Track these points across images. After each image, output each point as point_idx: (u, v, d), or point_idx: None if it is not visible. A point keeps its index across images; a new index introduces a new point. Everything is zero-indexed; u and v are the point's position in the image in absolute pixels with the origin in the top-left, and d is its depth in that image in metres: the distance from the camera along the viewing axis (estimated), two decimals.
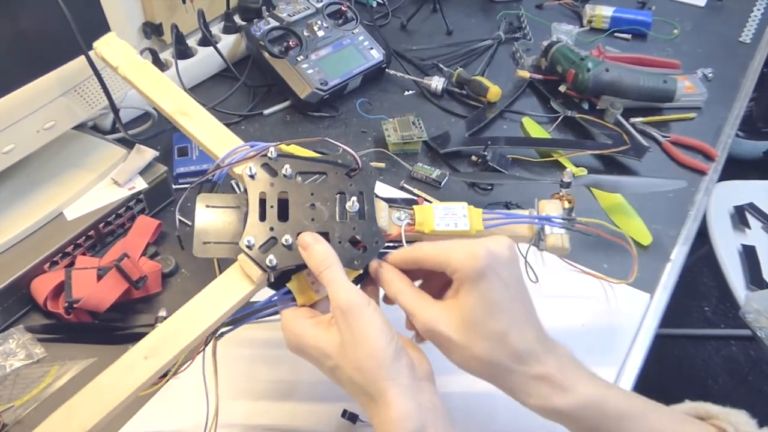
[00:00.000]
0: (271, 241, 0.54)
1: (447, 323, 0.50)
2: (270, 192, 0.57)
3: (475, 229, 0.59)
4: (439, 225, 0.59)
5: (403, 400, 0.47)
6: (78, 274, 0.70)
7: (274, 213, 0.56)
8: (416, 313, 0.52)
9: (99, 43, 0.70)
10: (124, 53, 0.69)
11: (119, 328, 0.72)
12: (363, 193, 0.58)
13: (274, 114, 1.03)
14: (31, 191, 0.76)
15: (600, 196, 0.89)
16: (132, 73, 0.67)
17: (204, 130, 0.63)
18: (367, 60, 1.06)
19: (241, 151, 0.59)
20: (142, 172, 0.81)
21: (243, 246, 0.53)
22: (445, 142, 0.96)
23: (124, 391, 0.48)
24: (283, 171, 0.58)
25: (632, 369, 0.71)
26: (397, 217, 0.59)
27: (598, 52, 1.15)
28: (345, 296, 0.49)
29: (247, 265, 0.54)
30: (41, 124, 0.72)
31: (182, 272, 0.78)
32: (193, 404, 0.63)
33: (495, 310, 0.49)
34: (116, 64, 0.68)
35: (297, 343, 0.52)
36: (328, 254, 0.52)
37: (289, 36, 1.04)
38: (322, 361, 0.51)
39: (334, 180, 0.59)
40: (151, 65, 0.68)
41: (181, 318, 0.52)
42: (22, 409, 0.64)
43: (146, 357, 0.50)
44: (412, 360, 0.50)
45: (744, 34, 1.27)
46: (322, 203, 0.57)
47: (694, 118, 1.06)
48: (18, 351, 0.68)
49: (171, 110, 0.64)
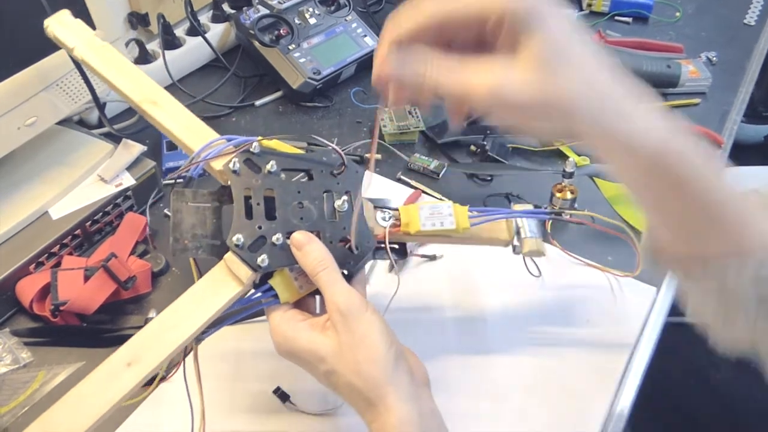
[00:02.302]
0: (261, 240, 0.52)
1: (513, 78, 0.38)
2: (255, 189, 0.54)
3: (462, 227, 0.59)
4: (425, 225, 0.58)
5: (404, 406, 0.46)
6: (64, 275, 0.68)
7: (260, 211, 0.53)
8: (474, 84, 0.39)
9: (50, 20, 0.65)
10: (81, 33, 0.64)
11: (108, 331, 0.70)
12: (350, 192, 0.57)
13: (266, 105, 1.01)
14: (14, 190, 0.74)
15: (603, 186, 0.87)
16: (90, 56, 0.62)
17: (175, 122, 0.59)
18: (361, 48, 1.03)
19: (217, 145, 0.56)
20: (130, 168, 0.79)
21: (232, 245, 0.51)
22: (443, 131, 0.94)
23: (106, 401, 0.46)
24: (268, 167, 0.55)
25: (639, 364, 0.69)
26: (381, 217, 0.58)
27: (599, 37, 1.12)
28: (344, 299, 0.48)
29: (235, 265, 0.51)
30: (22, 121, 0.70)
31: (173, 271, 0.76)
32: (183, 411, 0.61)
33: (567, 42, 0.38)
34: (72, 45, 0.63)
35: (289, 346, 0.50)
36: (324, 255, 0.51)
37: (279, 24, 1.01)
38: (316, 365, 0.49)
39: (320, 178, 0.57)
40: (112, 48, 0.63)
41: (165, 321, 0.50)
42: (9, 416, 0.63)
43: (129, 364, 0.47)
44: (410, 366, 0.49)
45: (748, 16, 1.24)
46: (310, 202, 0.55)
47: (698, 104, 1.03)
48: (4, 356, 0.67)
49: (138, 99, 0.60)
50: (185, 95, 0.96)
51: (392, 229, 0.58)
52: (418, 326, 0.70)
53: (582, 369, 0.67)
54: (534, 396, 0.65)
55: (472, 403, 0.64)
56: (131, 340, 0.49)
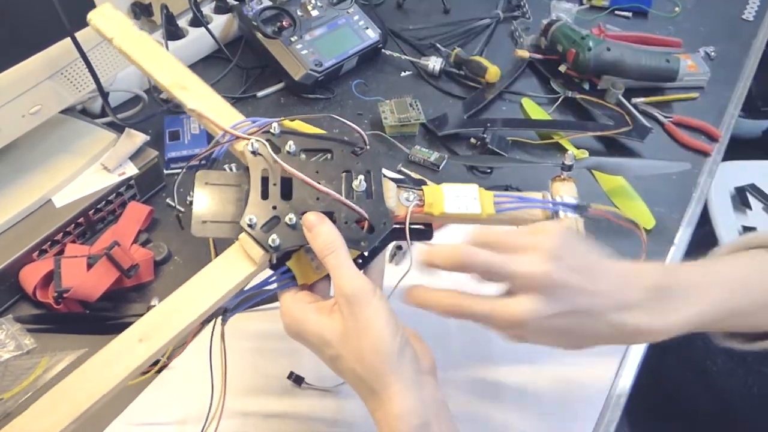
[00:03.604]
0: (274, 220, 0.52)
1: None
2: (273, 169, 0.54)
3: (486, 212, 0.57)
4: (449, 207, 0.56)
5: (407, 396, 0.45)
6: (67, 263, 0.69)
7: (277, 191, 0.53)
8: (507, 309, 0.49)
9: (93, 14, 0.67)
10: (120, 24, 0.66)
11: (111, 318, 0.70)
12: (370, 172, 0.56)
13: (268, 96, 1.01)
14: (18, 178, 0.74)
15: (602, 179, 0.87)
16: (127, 45, 0.64)
17: (204, 104, 0.60)
18: (362, 40, 1.03)
19: (243, 127, 0.57)
20: (133, 157, 0.79)
21: (244, 225, 0.51)
22: (443, 124, 0.94)
23: (115, 376, 0.46)
24: (287, 148, 0.55)
25: (635, 357, 0.70)
26: (405, 197, 0.57)
27: (599, 31, 1.12)
28: (350, 283, 0.47)
29: (248, 245, 0.51)
30: (27, 109, 0.70)
31: (175, 260, 0.76)
32: (191, 393, 0.62)
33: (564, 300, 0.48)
34: (111, 35, 0.65)
35: (297, 328, 0.50)
36: (334, 236, 0.50)
37: (282, 16, 1.01)
38: (323, 349, 0.49)
39: (340, 158, 0.56)
40: (147, 36, 0.65)
41: (178, 300, 0.50)
42: (12, 401, 0.63)
43: (141, 340, 0.48)
44: (416, 353, 0.48)
45: (747, 11, 1.25)
46: (327, 182, 0.54)
47: (696, 98, 1.04)
48: (7, 342, 0.67)
49: (168, 84, 0.61)
50: None
51: (415, 209, 0.56)
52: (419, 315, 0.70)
53: (578, 360, 0.68)
54: (530, 386, 0.66)
55: (471, 394, 0.65)
56: (144, 318, 0.49)
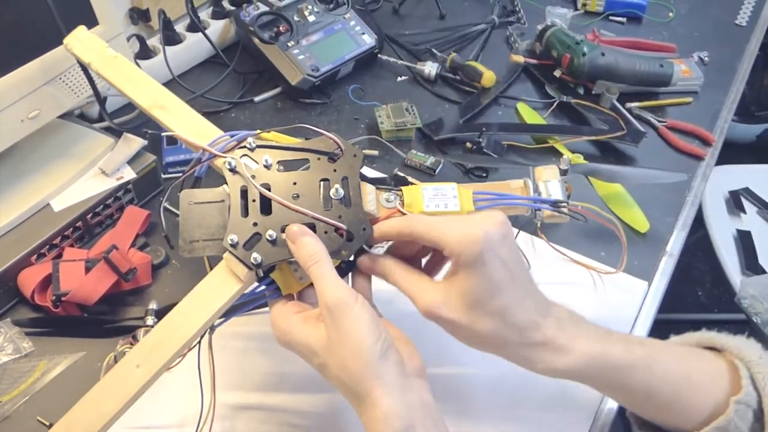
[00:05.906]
0: (256, 237, 0.52)
1: (448, 306, 0.50)
2: (251, 186, 0.55)
3: (466, 210, 0.58)
4: (428, 206, 0.58)
5: (390, 400, 0.46)
6: (66, 267, 0.69)
7: (256, 207, 0.54)
8: (417, 299, 0.52)
9: (69, 39, 0.68)
10: (95, 47, 0.67)
11: (108, 321, 0.70)
12: (347, 178, 0.56)
13: (265, 101, 1.02)
14: (16, 182, 0.75)
15: (598, 185, 0.88)
16: (105, 69, 0.65)
17: (183, 123, 0.61)
18: (359, 45, 1.04)
19: (221, 142, 0.58)
20: (131, 162, 0.79)
21: (227, 245, 0.52)
22: (439, 128, 0.95)
23: (118, 402, 0.49)
24: (263, 162, 0.56)
25: None
26: (385, 198, 0.58)
27: (594, 36, 1.13)
28: (332, 294, 0.48)
29: (232, 264, 0.52)
30: (25, 114, 0.70)
31: (173, 263, 0.77)
32: (186, 398, 0.62)
33: (495, 290, 0.49)
34: (88, 60, 0.66)
35: (285, 339, 0.52)
36: (317, 248, 0.51)
37: (279, 21, 1.02)
38: (310, 358, 0.50)
39: (317, 167, 0.57)
40: (123, 58, 0.66)
41: (170, 323, 0.52)
42: (11, 404, 0.63)
43: (138, 366, 0.50)
44: (401, 356, 0.49)
45: (740, 16, 1.26)
46: (305, 192, 0.55)
47: (690, 103, 1.05)
48: (5, 345, 0.67)
49: (147, 105, 0.62)
50: (185, 91, 0.97)
51: (394, 210, 0.57)
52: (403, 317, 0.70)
53: None
54: (522, 391, 0.65)
55: (462, 400, 0.65)
56: (140, 344, 0.51)
